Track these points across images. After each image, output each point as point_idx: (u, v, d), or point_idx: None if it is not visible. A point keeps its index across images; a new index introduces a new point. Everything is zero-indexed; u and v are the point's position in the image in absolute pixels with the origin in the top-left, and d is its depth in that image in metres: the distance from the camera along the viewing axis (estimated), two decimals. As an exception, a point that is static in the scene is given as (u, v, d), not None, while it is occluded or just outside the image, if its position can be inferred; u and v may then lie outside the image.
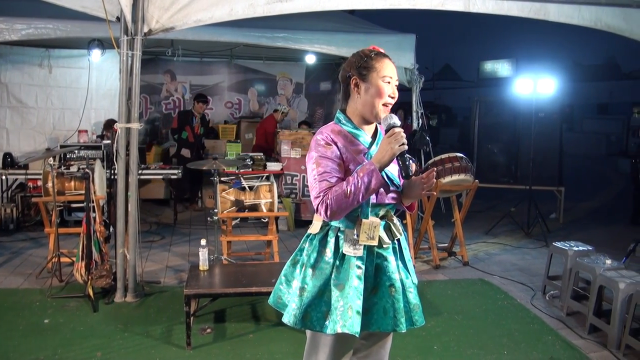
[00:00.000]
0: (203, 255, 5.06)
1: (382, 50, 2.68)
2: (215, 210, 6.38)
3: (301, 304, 2.58)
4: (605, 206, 12.42)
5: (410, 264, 2.75)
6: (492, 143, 10.84)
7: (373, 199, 2.57)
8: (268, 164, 8.80)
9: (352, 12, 10.39)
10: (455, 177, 6.82)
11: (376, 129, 2.72)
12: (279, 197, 7.23)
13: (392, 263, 2.63)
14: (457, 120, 37.38)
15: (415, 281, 2.74)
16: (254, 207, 6.80)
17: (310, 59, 11.46)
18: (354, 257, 2.55)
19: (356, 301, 2.50)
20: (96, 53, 9.35)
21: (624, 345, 4.60)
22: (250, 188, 6.90)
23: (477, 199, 8.04)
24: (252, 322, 5.11)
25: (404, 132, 2.49)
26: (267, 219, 7.01)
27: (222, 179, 7.05)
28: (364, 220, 2.56)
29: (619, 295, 4.69)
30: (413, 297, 2.68)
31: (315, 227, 2.69)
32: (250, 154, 9.08)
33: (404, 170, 2.46)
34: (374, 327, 2.58)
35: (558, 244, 5.96)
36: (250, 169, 8.47)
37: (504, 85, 25.39)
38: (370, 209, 2.58)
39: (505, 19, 6.59)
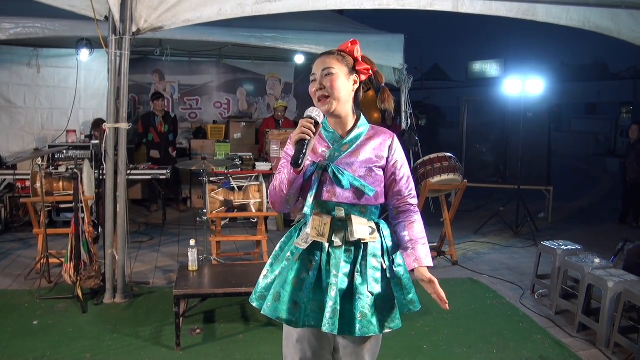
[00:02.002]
0: (192, 255, 5.05)
1: (340, 47, 2.70)
2: (205, 211, 6.37)
3: (260, 285, 2.71)
4: (593, 206, 12.48)
5: (374, 272, 2.57)
6: (481, 143, 10.88)
7: (320, 195, 2.58)
8: (257, 163, 8.78)
9: (341, 12, 10.42)
10: (444, 176, 6.84)
11: (352, 128, 2.66)
12: (268, 197, 7.22)
13: (341, 264, 2.55)
14: (446, 120, 37.51)
15: (375, 290, 2.56)
16: (243, 207, 6.79)
17: (299, 59, 11.43)
18: (304, 250, 2.59)
19: (295, 292, 2.54)
20: (84, 53, 9.30)
21: (612, 343, 4.63)
22: (240, 188, 6.89)
23: (466, 198, 8.06)
24: (241, 323, 5.11)
25: (394, 132, 2.47)
26: (256, 219, 7.01)
27: (211, 179, 7.03)
28: (314, 216, 2.59)
29: (608, 294, 4.72)
30: (362, 305, 2.51)
31: (296, 220, 2.80)
32: (240, 154, 9.06)
33: (293, 159, 2.44)
34: (320, 324, 2.54)
35: (547, 243, 5.98)
36: (239, 169, 8.45)
37: (492, 86, 25.52)
38: (322, 206, 2.61)
39: (494, 20, 6.61)
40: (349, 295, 2.54)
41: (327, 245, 2.59)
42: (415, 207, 2.78)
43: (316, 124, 2.47)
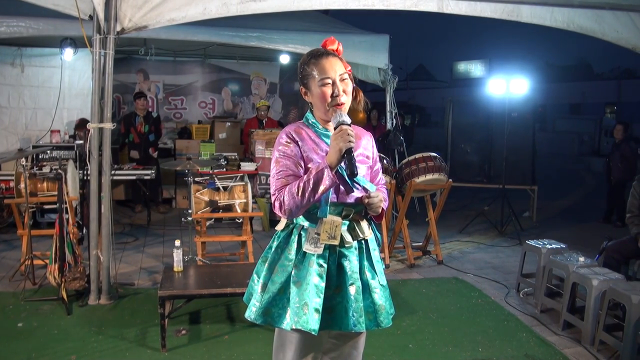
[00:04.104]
0: (177, 256, 5.03)
1: (330, 47, 2.69)
2: (190, 211, 6.34)
3: (262, 300, 2.62)
4: (577, 205, 12.57)
5: (378, 265, 2.72)
6: (466, 143, 10.91)
7: (333, 198, 2.57)
8: (242, 164, 8.75)
9: (326, 12, 10.41)
10: (429, 176, 6.86)
11: None
12: (253, 197, 7.21)
13: (354, 262, 2.61)
14: (431, 120, 37.68)
15: (383, 282, 2.72)
16: (229, 208, 6.77)
17: (285, 59, 11.43)
18: (315, 255, 2.56)
19: (315, 299, 2.50)
20: (69, 52, 9.22)
21: (597, 340, 4.66)
22: (225, 188, 6.87)
23: (451, 198, 8.09)
24: (227, 323, 5.09)
25: (378, 132, 2.49)
26: (241, 220, 6.99)
27: (196, 179, 7.01)
28: (325, 219, 2.56)
29: (592, 292, 4.75)
30: (379, 297, 2.65)
31: (280, 225, 2.73)
32: (225, 154, 9.04)
33: (348, 169, 2.42)
34: (336, 326, 2.57)
35: (531, 242, 6.01)
36: (225, 169, 8.42)
37: (477, 86, 25.64)
38: (330, 207, 2.57)
39: (479, 20, 6.63)
40: (362, 291, 2.61)
41: (338, 247, 2.60)
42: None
43: None
